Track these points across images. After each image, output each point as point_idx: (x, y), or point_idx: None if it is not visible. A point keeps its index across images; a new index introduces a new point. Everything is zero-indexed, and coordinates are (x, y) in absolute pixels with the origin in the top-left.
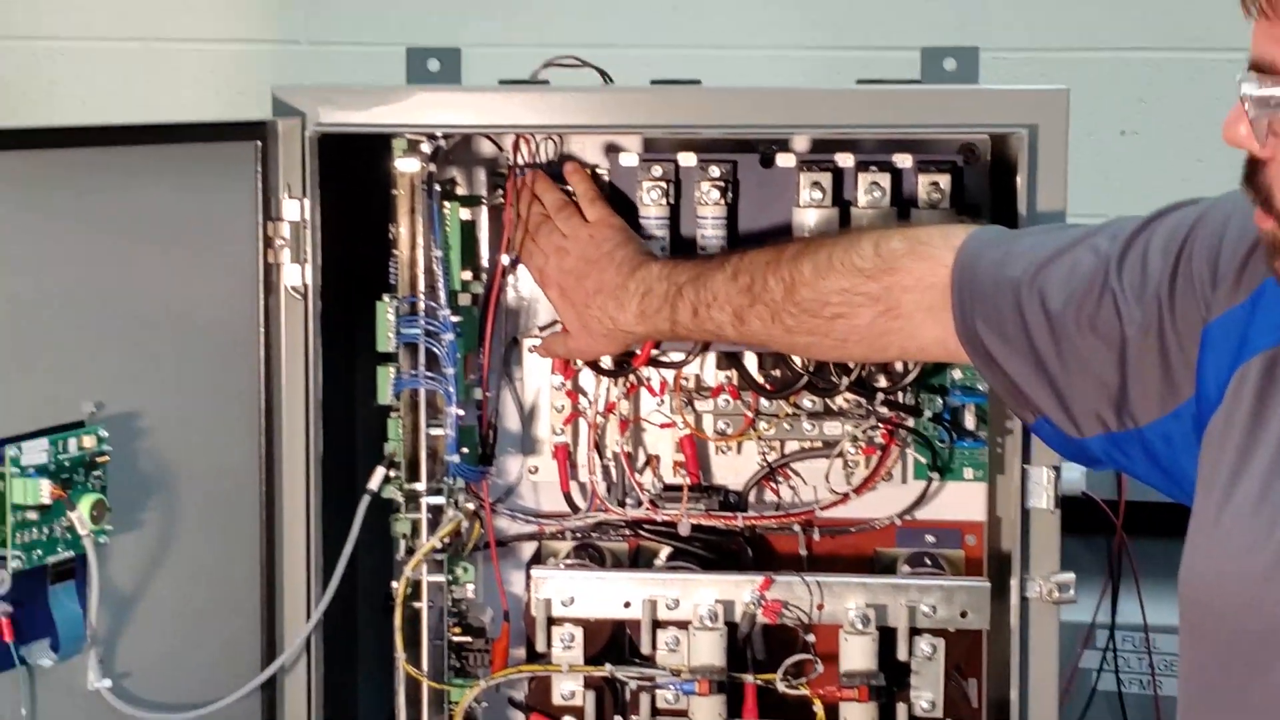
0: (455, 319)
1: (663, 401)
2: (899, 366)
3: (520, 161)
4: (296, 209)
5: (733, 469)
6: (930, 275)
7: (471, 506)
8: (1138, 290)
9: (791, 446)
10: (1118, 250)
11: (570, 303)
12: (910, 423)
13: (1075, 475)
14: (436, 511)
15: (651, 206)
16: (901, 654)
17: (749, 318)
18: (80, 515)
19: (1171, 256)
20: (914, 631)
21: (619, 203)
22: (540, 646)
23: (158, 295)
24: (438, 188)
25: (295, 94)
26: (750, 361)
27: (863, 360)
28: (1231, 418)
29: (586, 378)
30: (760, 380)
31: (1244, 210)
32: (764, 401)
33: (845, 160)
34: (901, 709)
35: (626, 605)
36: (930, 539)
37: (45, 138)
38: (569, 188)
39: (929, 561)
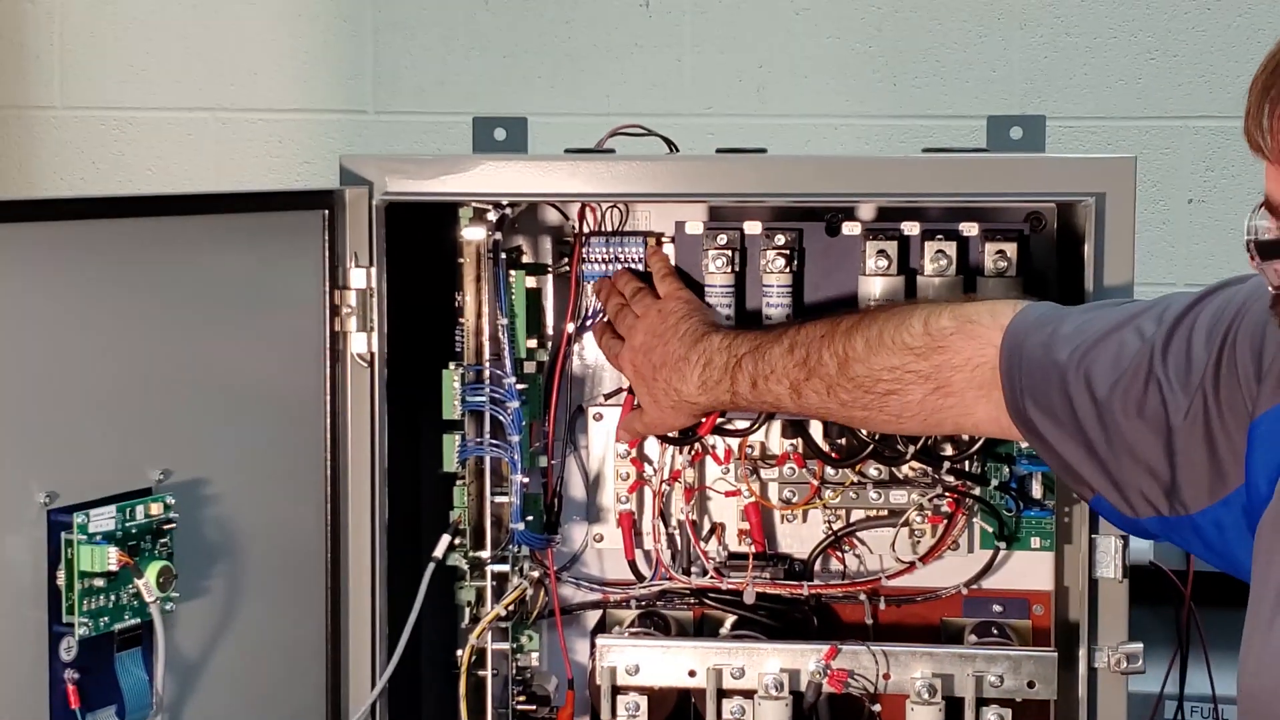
0: (520, 387)
1: (728, 469)
2: (965, 435)
3: (585, 230)
4: (363, 277)
5: (798, 537)
6: (979, 355)
7: (536, 574)
8: (1183, 378)
9: (857, 515)
10: (1163, 335)
11: (641, 378)
12: (977, 491)
13: (1143, 545)
14: (501, 579)
15: (716, 275)
16: None
17: (805, 391)
18: (147, 582)
19: (1216, 344)
20: (981, 702)
21: (683, 271)
22: (605, 715)
23: (225, 363)
24: (503, 256)
25: (362, 163)
26: (816, 430)
27: (920, 434)
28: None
29: (652, 445)
30: (826, 448)
31: None
32: (829, 469)
33: (911, 228)
34: None
35: (691, 674)
36: (997, 608)
37: (114, 207)
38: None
39: (996, 631)
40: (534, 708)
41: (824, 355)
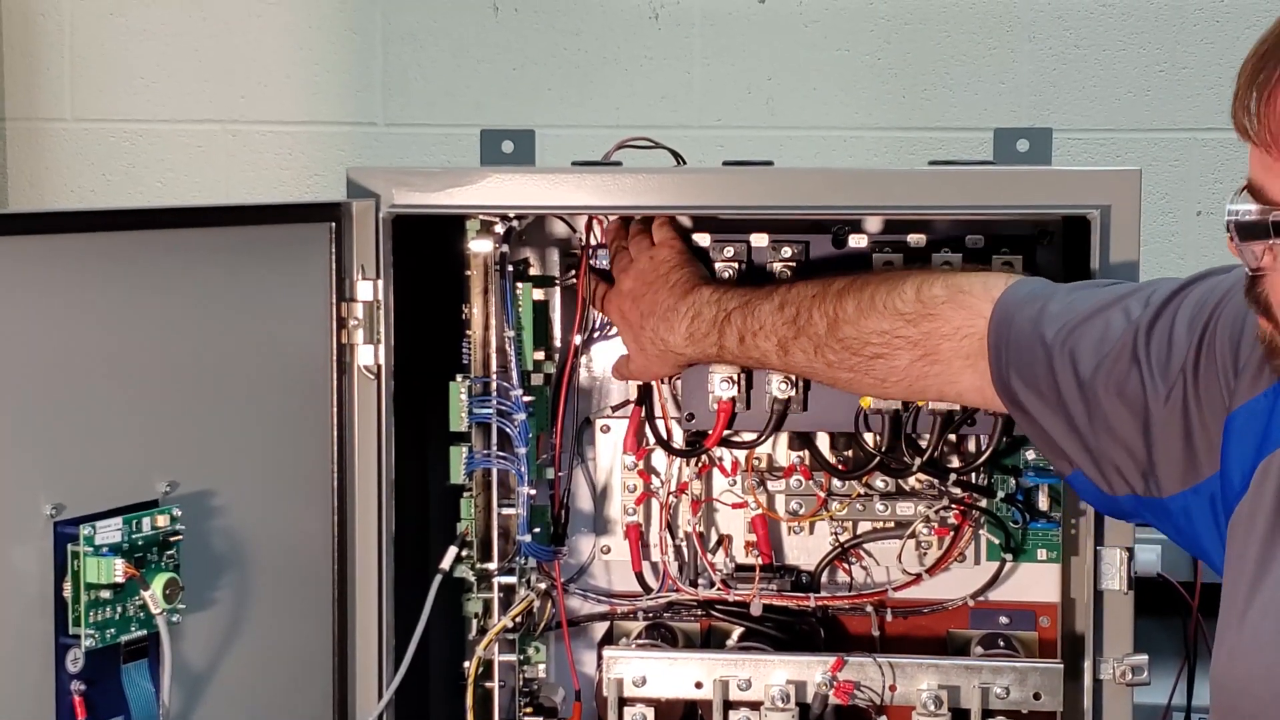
0: (528, 399)
1: (735, 481)
2: (971, 446)
3: (593, 242)
4: (370, 289)
5: (805, 549)
6: (968, 325)
7: (543, 586)
8: (1163, 364)
9: (864, 527)
10: (1147, 319)
11: (629, 324)
12: (983, 503)
13: (1150, 557)
14: (508, 591)
15: None
16: None
17: (793, 349)
18: (153, 594)
19: (1197, 332)
20: (987, 713)
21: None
22: None
23: (231, 375)
24: (511, 268)
25: (369, 175)
26: (823, 442)
27: (903, 399)
28: (1255, 513)
29: (659, 458)
30: (832, 460)
31: None
32: (836, 482)
33: (918, 241)
34: None
35: (698, 686)
36: (1003, 620)
37: (123, 219)
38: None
39: (1002, 643)
40: (541, 719)
41: (814, 315)
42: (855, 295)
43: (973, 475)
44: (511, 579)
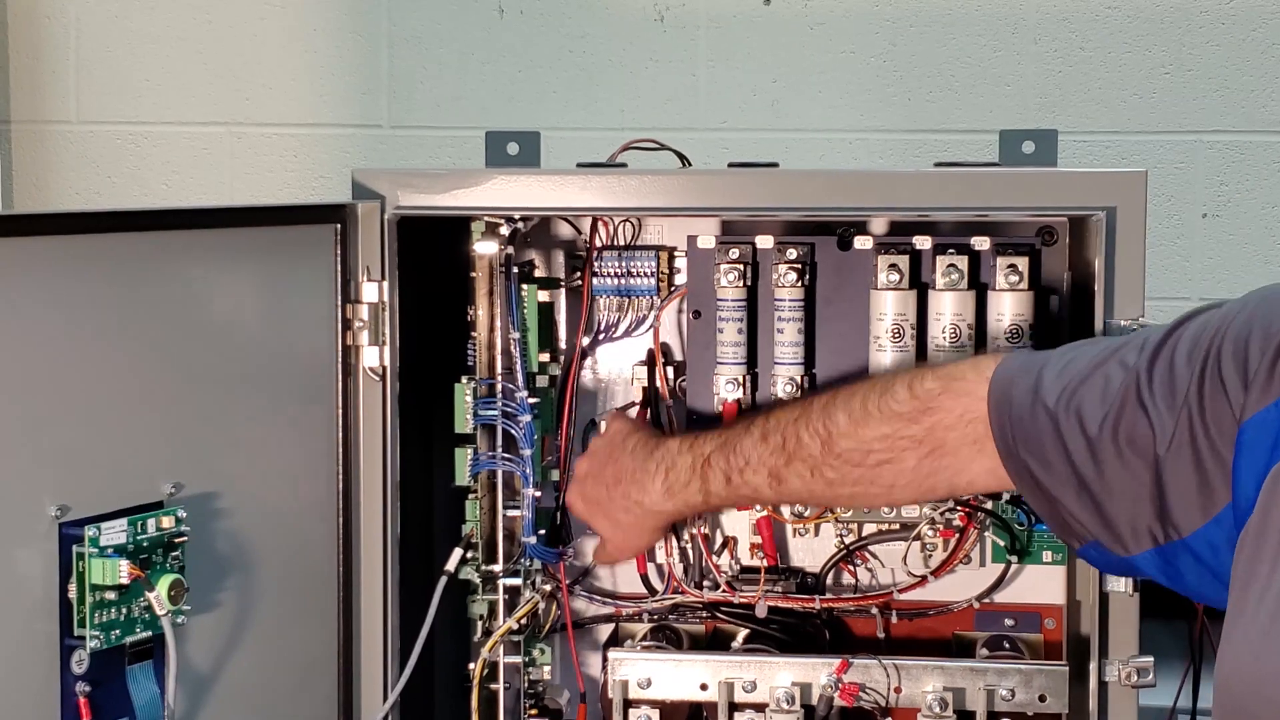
0: (533, 401)
1: None
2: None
3: (598, 244)
4: (375, 291)
5: (810, 551)
6: (970, 410)
7: (548, 588)
8: (1168, 399)
9: (869, 529)
10: (1145, 361)
11: (595, 503)
12: (988, 505)
13: None
14: (513, 593)
15: (728, 289)
16: None
17: (788, 477)
18: (158, 595)
19: (1198, 363)
20: (992, 715)
21: (695, 285)
22: None
23: (237, 377)
24: (516, 270)
25: (374, 177)
26: None
27: (912, 503)
28: (1267, 516)
29: None
30: None
31: (1267, 310)
32: None
33: (923, 242)
34: None
35: (703, 687)
36: (1009, 622)
37: (129, 221)
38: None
39: (1007, 645)
40: None
41: (802, 436)
42: (844, 407)
43: None
44: (516, 581)
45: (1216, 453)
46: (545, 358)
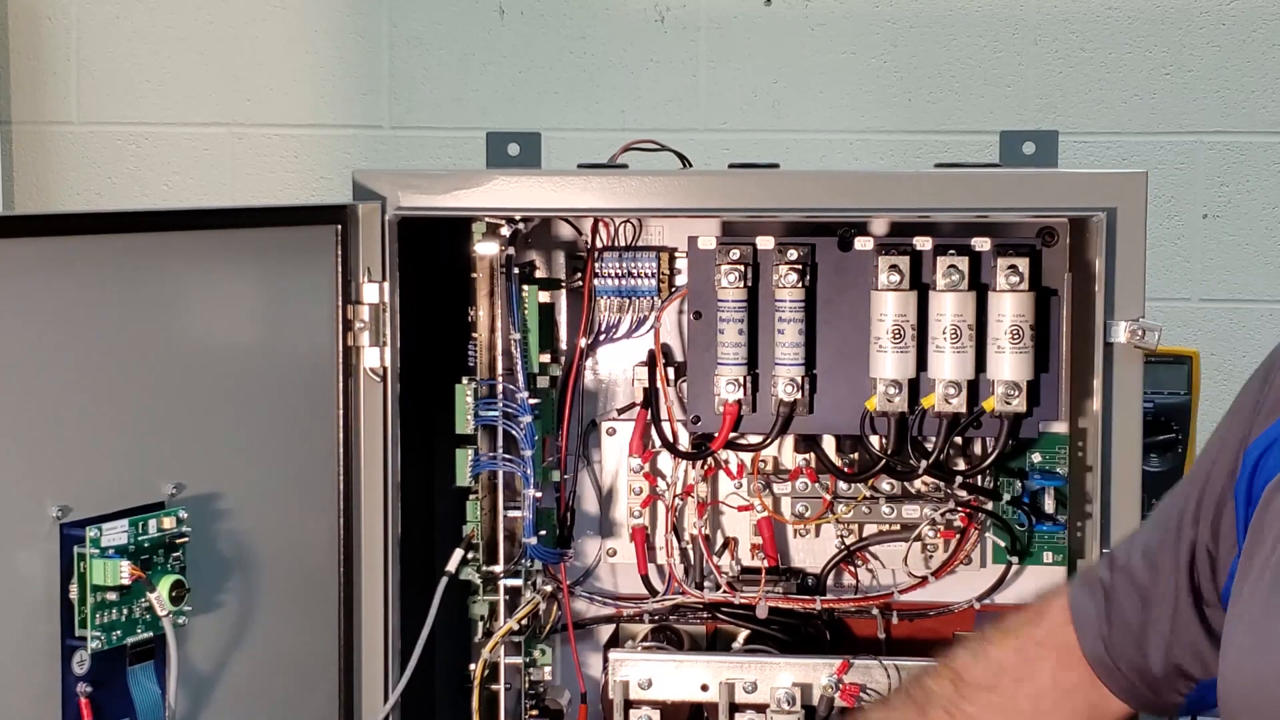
0: (533, 401)
1: (741, 484)
2: (977, 449)
3: (599, 245)
4: (376, 292)
5: (811, 552)
6: (1066, 679)
7: (549, 588)
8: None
9: (870, 530)
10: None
11: None
12: (989, 506)
13: None
14: (514, 593)
15: (729, 290)
16: None
17: None
18: (159, 596)
19: (1220, 430)
20: None
21: (696, 286)
22: None
23: (238, 377)
24: (516, 271)
25: (375, 178)
26: (829, 444)
27: None
28: (1265, 515)
29: (665, 460)
30: (838, 463)
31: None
32: (842, 484)
33: (924, 243)
34: None
35: (704, 688)
36: None
37: (130, 221)
38: None
39: None
40: None
41: (929, 685)
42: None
43: (978, 478)
44: (517, 581)
45: (1221, 516)
46: (546, 358)
